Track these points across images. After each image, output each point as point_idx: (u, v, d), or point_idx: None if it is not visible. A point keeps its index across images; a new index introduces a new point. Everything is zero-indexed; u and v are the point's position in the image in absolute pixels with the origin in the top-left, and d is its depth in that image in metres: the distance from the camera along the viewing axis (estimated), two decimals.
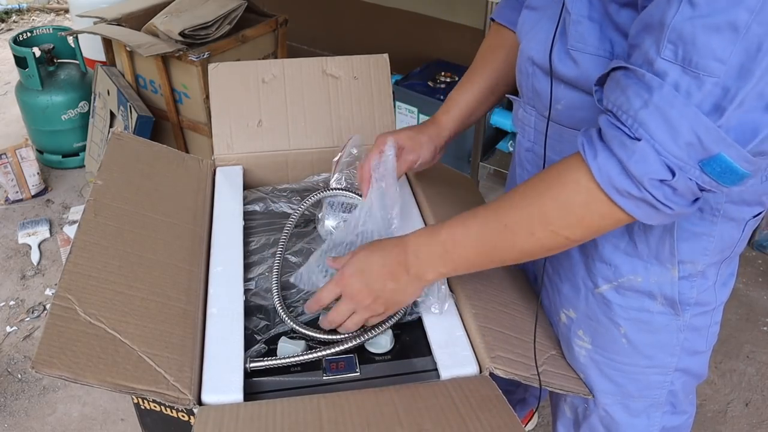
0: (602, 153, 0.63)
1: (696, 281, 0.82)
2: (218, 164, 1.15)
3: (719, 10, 0.54)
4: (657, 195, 0.61)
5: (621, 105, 0.61)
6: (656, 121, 0.59)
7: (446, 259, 0.77)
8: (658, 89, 0.58)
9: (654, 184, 0.60)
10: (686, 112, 0.57)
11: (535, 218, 0.69)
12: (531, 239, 0.70)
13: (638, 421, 0.92)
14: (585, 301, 0.88)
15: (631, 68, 0.61)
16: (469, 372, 0.79)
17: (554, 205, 0.68)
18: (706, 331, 0.87)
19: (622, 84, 0.62)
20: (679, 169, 0.59)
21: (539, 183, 0.70)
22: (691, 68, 0.57)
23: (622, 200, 0.63)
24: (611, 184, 0.62)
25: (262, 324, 0.87)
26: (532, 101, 0.87)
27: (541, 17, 0.82)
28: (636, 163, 0.60)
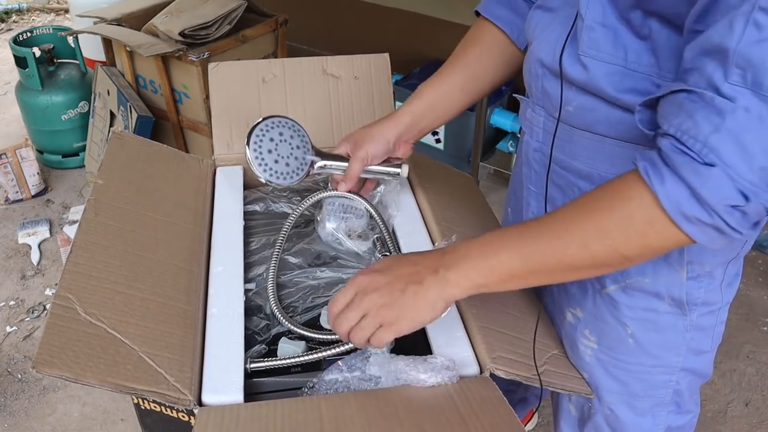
0: (670, 179, 0.60)
1: (704, 281, 0.82)
2: (218, 164, 1.14)
3: None
4: (729, 221, 0.60)
5: (688, 130, 0.59)
6: (729, 146, 0.57)
7: (484, 263, 0.69)
8: (731, 113, 0.56)
9: (727, 210, 0.59)
10: (761, 136, 0.56)
11: (591, 230, 0.65)
12: (584, 252, 0.66)
13: (643, 420, 0.92)
14: (592, 301, 0.88)
15: (697, 92, 0.59)
16: (470, 373, 0.79)
17: (614, 219, 0.65)
18: (712, 331, 0.88)
19: (687, 108, 0.59)
20: (753, 193, 0.58)
21: (598, 196, 0.67)
22: (762, 92, 0.55)
23: (689, 226, 0.61)
24: (680, 210, 0.60)
25: (262, 324, 0.87)
26: (542, 102, 0.87)
27: (553, 19, 0.81)
28: (710, 189, 0.58)
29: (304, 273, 0.95)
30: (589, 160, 0.81)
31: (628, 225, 0.64)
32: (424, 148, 2.54)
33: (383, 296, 0.71)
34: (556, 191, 0.89)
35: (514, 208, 1.07)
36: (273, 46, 2.50)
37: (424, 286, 0.71)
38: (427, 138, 2.52)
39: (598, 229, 0.65)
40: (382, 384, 0.77)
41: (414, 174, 1.14)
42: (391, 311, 0.71)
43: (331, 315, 0.74)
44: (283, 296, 0.92)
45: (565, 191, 0.88)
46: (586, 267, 0.68)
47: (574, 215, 0.67)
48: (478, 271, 0.70)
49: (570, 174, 0.85)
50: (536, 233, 0.69)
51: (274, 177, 0.94)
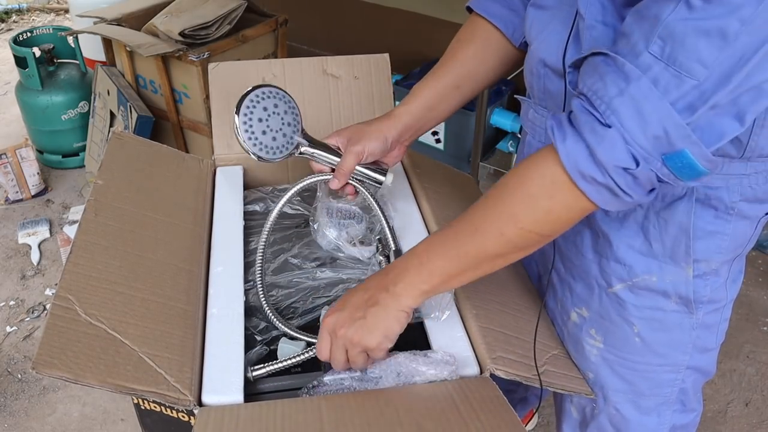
0: (571, 137, 0.64)
1: (710, 279, 0.82)
2: (218, 164, 1.14)
3: (713, 16, 0.56)
4: (619, 182, 0.63)
5: (597, 90, 0.63)
6: (629, 111, 0.60)
7: (422, 271, 0.74)
8: (636, 80, 0.60)
9: (618, 172, 0.62)
10: (659, 106, 0.59)
11: (504, 217, 0.69)
12: (501, 240, 0.70)
13: (649, 419, 0.92)
14: (598, 301, 0.88)
15: (612, 56, 0.62)
16: (470, 373, 0.79)
17: (520, 201, 0.68)
18: (717, 329, 0.88)
19: (600, 70, 0.63)
20: (643, 159, 0.61)
21: (508, 181, 0.70)
22: (674, 67, 0.58)
23: (586, 185, 0.64)
24: (577, 168, 0.64)
25: (262, 324, 0.87)
26: (544, 102, 0.87)
27: (551, 18, 0.81)
28: (604, 149, 0.62)
29: (304, 273, 0.95)
30: None
31: (533, 204, 0.68)
32: (424, 148, 2.54)
33: (351, 329, 0.74)
34: None
35: None
36: (273, 46, 2.50)
37: (381, 305, 0.75)
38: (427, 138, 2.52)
39: (508, 216, 0.69)
40: (382, 382, 0.77)
41: (414, 174, 1.14)
42: (365, 337, 0.74)
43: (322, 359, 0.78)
44: (283, 297, 0.92)
45: None
46: (511, 251, 0.71)
47: (488, 206, 0.71)
48: (421, 279, 0.74)
49: None
50: (459, 233, 0.72)
51: (256, 149, 0.89)
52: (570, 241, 0.89)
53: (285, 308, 0.90)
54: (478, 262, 0.73)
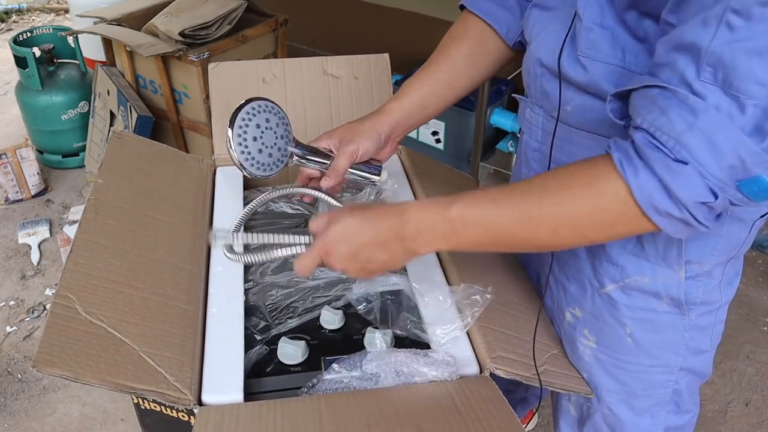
0: (643, 173, 0.62)
1: (702, 281, 0.82)
2: (218, 164, 1.14)
3: (758, 34, 0.55)
4: (697, 216, 0.61)
5: (661, 126, 0.60)
6: (701, 145, 0.58)
7: (451, 238, 0.72)
8: (704, 112, 0.58)
9: (697, 206, 0.61)
10: (731, 135, 0.57)
11: (565, 219, 0.67)
12: (553, 236, 0.69)
13: (642, 420, 0.92)
14: (591, 301, 0.88)
15: (671, 88, 0.59)
16: (470, 372, 0.79)
17: (588, 211, 0.66)
18: (711, 330, 0.88)
19: (660, 104, 0.60)
20: (720, 190, 0.60)
21: (572, 182, 0.68)
22: (731, 91, 0.57)
23: (659, 219, 0.63)
24: (651, 204, 0.62)
25: (262, 324, 0.87)
26: (541, 102, 0.87)
27: (552, 19, 0.81)
28: (681, 186, 0.60)
29: None
30: None
31: (602, 217, 0.66)
32: (424, 148, 2.54)
33: (355, 265, 0.75)
34: None
35: None
36: (273, 46, 2.50)
37: (392, 254, 0.74)
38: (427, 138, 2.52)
39: (571, 219, 0.67)
40: (381, 380, 0.77)
41: (414, 174, 1.14)
42: (366, 273, 0.76)
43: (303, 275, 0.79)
44: (283, 296, 0.92)
45: None
46: (551, 246, 0.72)
47: (547, 200, 0.68)
48: (445, 242, 0.72)
49: None
50: (506, 212, 0.70)
51: (254, 168, 0.86)
52: None
53: (285, 308, 0.90)
54: (516, 244, 0.72)
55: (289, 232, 1.04)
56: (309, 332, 0.87)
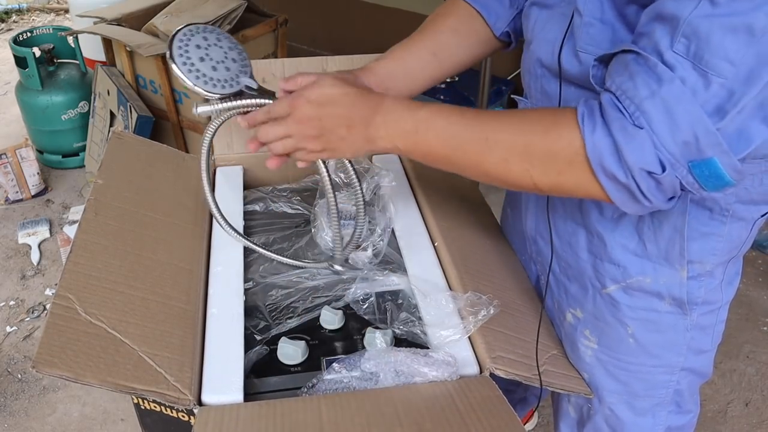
0: (600, 130, 0.62)
1: (704, 281, 0.82)
2: (218, 164, 1.14)
3: (739, 12, 0.54)
4: (642, 185, 0.62)
5: (627, 90, 0.61)
6: (659, 114, 0.59)
7: (410, 137, 0.73)
8: (669, 82, 0.58)
9: (642, 175, 0.61)
10: (691, 110, 0.57)
11: (518, 148, 0.68)
12: (502, 164, 0.69)
13: (644, 420, 0.92)
14: (592, 302, 0.88)
15: (644, 55, 0.60)
16: (470, 372, 0.79)
17: (541, 150, 0.67)
18: (712, 330, 0.88)
19: (631, 69, 0.61)
20: (670, 165, 0.60)
21: (535, 120, 0.68)
22: (701, 66, 0.56)
23: (606, 180, 0.63)
24: (600, 162, 0.63)
25: (262, 324, 0.87)
26: (541, 103, 0.86)
27: (551, 16, 0.80)
28: (632, 150, 0.60)
29: (304, 273, 0.95)
30: None
31: (551, 158, 0.66)
32: None
33: (313, 128, 0.75)
34: None
35: (513, 208, 1.07)
36: (273, 46, 2.50)
37: (353, 135, 0.75)
38: None
39: (523, 150, 0.67)
40: (381, 380, 0.77)
41: (414, 174, 1.14)
42: (315, 143, 0.76)
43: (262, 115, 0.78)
44: (283, 296, 0.92)
45: None
46: (501, 178, 0.71)
47: (508, 128, 0.69)
48: (404, 140, 0.73)
49: None
50: (468, 128, 0.71)
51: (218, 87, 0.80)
52: (565, 242, 0.89)
53: (285, 308, 0.90)
54: (465, 164, 0.72)
55: (288, 232, 1.04)
56: (309, 332, 0.87)
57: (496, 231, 1.11)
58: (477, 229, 1.07)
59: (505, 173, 0.70)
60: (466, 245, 1.00)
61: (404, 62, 0.92)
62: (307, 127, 0.75)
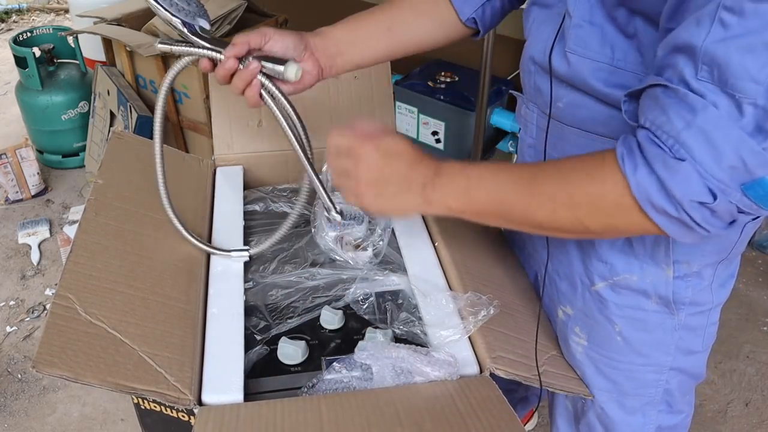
0: (642, 169, 0.61)
1: (691, 281, 0.82)
2: (218, 164, 1.15)
3: (753, 31, 0.54)
4: (695, 216, 0.60)
5: (661, 124, 0.60)
6: (699, 143, 0.57)
7: (462, 194, 0.72)
8: (703, 110, 0.57)
9: (693, 206, 0.60)
10: (731, 134, 0.56)
11: (564, 199, 0.67)
12: (552, 216, 0.69)
13: (633, 419, 0.92)
14: (582, 298, 0.89)
15: (672, 87, 0.59)
16: (470, 372, 0.79)
17: (587, 196, 0.66)
18: (703, 332, 0.87)
19: (661, 102, 0.60)
20: (721, 192, 0.58)
21: (577, 167, 0.68)
22: (728, 89, 0.56)
23: (657, 216, 0.62)
24: (648, 200, 0.61)
25: (262, 324, 0.87)
26: (534, 99, 0.87)
27: (548, 16, 0.81)
28: (678, 184, 0.59)
29: (304, 273, 0.95)
30: None
31: (599, 203, 0.66)
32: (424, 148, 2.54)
33: (371, 174, 0.73)
34: None
35: None
36: None
37: (409, 194, 0.73)
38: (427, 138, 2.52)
39: (570, 200, 0.67)
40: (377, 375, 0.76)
41: None
42: (368, 189, 0.73)
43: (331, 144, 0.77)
44: (283, 296, 0.92)
45: None
46: (551, 229, 0.70)
47: (552, 179, 0.69)
48: (457, 202, 0.73)
49: None
50: (516, 183, 0.71)
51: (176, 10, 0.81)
52: (557, 241, 0.90)
53: (285, 308, 0.90)
54: (516, 219, 0.72)
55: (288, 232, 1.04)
56: (309, 332, 0.87)
57: (496, 230, 1.11)
58: (476, 228, 1.07)
59: (557, 224, 0.69)
60: (465, 245, 1.00)
61: (355, 32, 0.90)
62: (367, 170, 0.73)
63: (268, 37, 0.82)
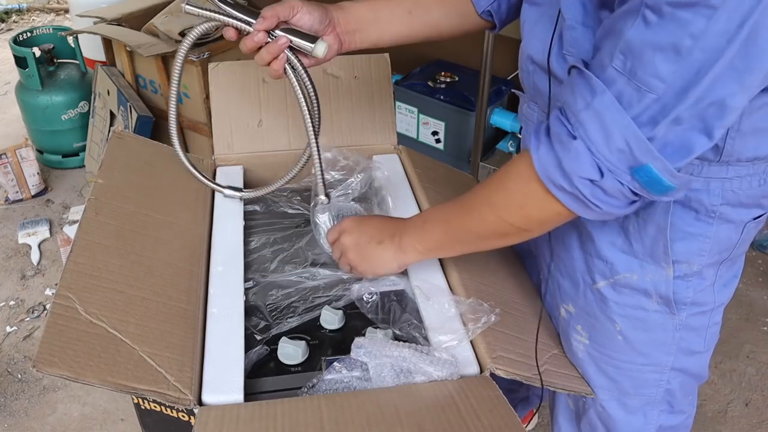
0: (544, 146, 0.67)
1: (692, 281, 0.82)
2: (218, 164, 1.14)
3: (667, 32, 0.57)
4: (585, 192, 0.65)
5: (568, 103, 0.65)
6: (593, 124, 0.62)
7: (421, 235, 0.84)
8: (600, 94, 0.62)
9: (583, 182, 0.64)
10: (620, 119, 0.61)
11: (485, 204, 0.76)
12: (483, 224, 0.76)
13: (634, 418, 0.92)
14: (583, 297, 0.89)
15: (582, 69, 0.64)
16: (470, 372, 0.79)
17: (498, 192, 0.74)
18: (705, 332, 0.87)
19: (573, 83, 0.65)
20: (609, 171, 0.63)
21: (497, 173, 0.75)
22: (634, 80, 0.60)
23: (557, 192, 0.67)
24: (547, 175, 0.67)
25: (262, 324, 0.87)
26: (534, 98, 0.87)
27: (542, 15, 0.81)
28: (570, 160, 0.64)
29: (305, 273, 0.95)
30: None
31: (511, 196, 0.73)
32: (424, 148, 2.54)
33: (351, 240, 0.89)
34: None
35: None
36: None
37: (384, 247, 0.87)
38: (427, 138, 2.52)
39: (489, 204, 0.75)
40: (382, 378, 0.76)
41: (414, 174, 1.14)
42: (354, 255, 0.89)
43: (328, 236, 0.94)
44: (283, 296, 0.92)
45: None
46: (492, 236, 0.78)
47: (476, 191, 0.78)
48: (418, 241, 0.84)
49: None
50: (452, 209, 0.81)
51: None
52: (560, 239, 0.90)
53: (285, 308, 0.90)
54: (465, 239, 0.81)
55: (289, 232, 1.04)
56: (309, 332, 0.87)
57: None
58: None
59: (491, 230, 0.77)
60: None
61: (377, 12, 0.92)
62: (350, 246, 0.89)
63: (296, 11, 0.83)
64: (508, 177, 0.73)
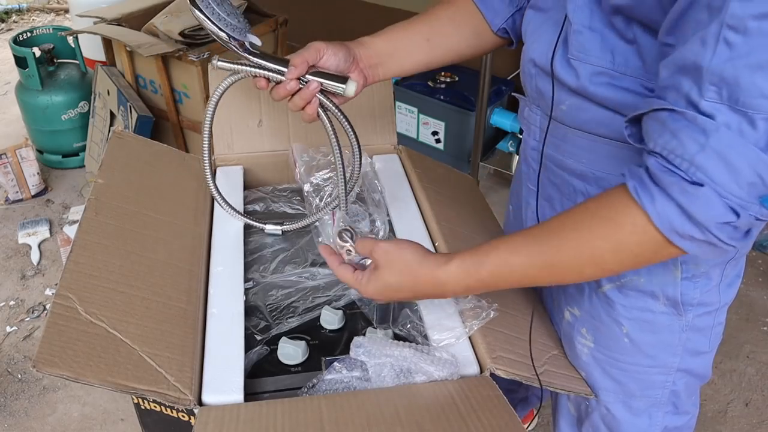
0: (660, 198, 0.61)
1: (699, 282, 0.82)
2: (218, 164, 1.15)
3: (758, 49, 0.54)
4: (721, 236, 0.60)
5: (673, 149, 0.59)
6: (716, 165, 0.57)
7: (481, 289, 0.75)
8: (715, 132, 0.57)
9: (718, 227, 0.60)
10: (745, 152, 0.56)
11: (587, 258, 0.68)
12: (580, 277, 0.70)
13: (640, 420, 0.92)
14: (588, 300, 0.89)
15: (679, 111, 0.59)
16: (470, 372, 0.79)
17: (608, 247, 0.66)
18: (710, 332, 0.87)
19: (670, 127, 0.60)
20: (742, 208, 0.59)
21: (590, 220, 0.67)
22: (739, 107, 0.56)
23: (683, 242, 0.62)
24: (673, 229, 0.61)
25: (262, 324, 0.87)
26: (537, 101, 0.87)
27: (546, 20, 0.81)
28: (700, 208, 0.59)
29: (305, 273, 0.95)
30: (584, 159, 0.82)
31: (622, 251, 0.65)
32: (424, 148, 2.54)
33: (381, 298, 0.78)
34: (552, 190, 0.89)
35: (515, 207, 1.07)
36: (273, 46, 2.50)
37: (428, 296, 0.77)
38: (427, 138, 2.52)
39: (593, 258, 0.67)
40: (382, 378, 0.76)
41: (414, 174, 1.14)
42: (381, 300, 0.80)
43: None
44: (283, 296, 0.92)
45: (561, 190, 0.88)
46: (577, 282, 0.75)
47: (568, 244, 0.68)
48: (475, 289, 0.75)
49: (565, 173, 0.86)
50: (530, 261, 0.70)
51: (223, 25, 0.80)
52: None
53: (285, 308, 0.90)
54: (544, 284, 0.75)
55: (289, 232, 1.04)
56: (309, 332, 0.87)
57: (497, 231, 1.11)
58: (477, 228, 1.07)
59: (586, 279, 0.71)
60: (466, 244, 0.99)
61: (396, 43, 0.93)
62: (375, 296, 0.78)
63: (321, 53, 0.84)
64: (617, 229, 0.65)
